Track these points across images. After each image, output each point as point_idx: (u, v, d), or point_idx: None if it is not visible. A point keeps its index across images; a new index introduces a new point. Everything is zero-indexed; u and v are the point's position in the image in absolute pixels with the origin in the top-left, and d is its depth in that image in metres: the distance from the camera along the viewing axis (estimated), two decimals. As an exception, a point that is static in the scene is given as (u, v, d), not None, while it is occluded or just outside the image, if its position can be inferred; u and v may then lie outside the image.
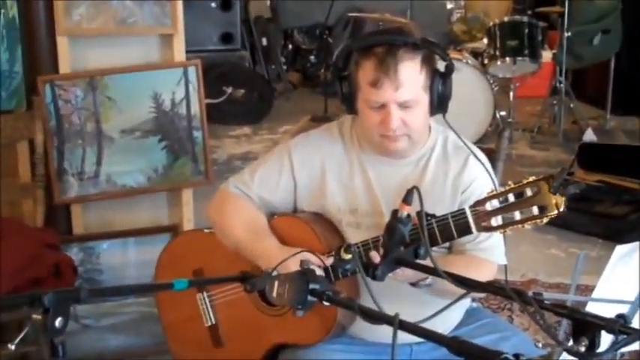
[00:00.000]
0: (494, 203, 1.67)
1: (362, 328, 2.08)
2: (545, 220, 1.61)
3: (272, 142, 6.01)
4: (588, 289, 1.69)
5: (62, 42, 3.23)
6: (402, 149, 2.03)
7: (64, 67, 3.25)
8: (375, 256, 1.78)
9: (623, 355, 2.86)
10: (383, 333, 1.92)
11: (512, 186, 1.65)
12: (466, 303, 2.20)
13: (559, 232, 4.38)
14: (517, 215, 1.63)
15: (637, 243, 1.67)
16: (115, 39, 3.36)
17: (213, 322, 2.22)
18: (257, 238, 2.06)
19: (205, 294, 2.22)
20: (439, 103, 1.99)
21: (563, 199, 1.58)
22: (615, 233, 4.11)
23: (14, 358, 3.03)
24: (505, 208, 1.65)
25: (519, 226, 1.64)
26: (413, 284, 1.90)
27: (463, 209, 1.78)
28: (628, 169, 4.77)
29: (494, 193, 1.67)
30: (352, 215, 2.07)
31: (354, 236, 2.02)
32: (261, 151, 5.68)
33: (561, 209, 1.58)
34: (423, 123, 2.02)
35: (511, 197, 1.64)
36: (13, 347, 1.46)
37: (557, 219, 4.40)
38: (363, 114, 2.02)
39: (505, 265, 2.06)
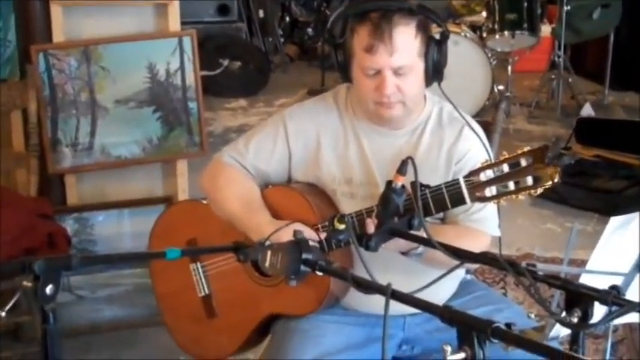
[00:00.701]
0: (489, 173, 1.65)
1: (355, 299, 2.07)
2: (540, 190, 1.59)
3: (268, 115, 5.97)
4: (583, 264, 1.68)
5: (56, 11, 3.21)
6: (397, 116, 2.02)
7: (58, 36, 3.23)
8: (370, 226, 1.77)
9: (616, 328, 2.87)
10: (376, 304, 1.91)
11: (507, 156, 1.63)
12: (460, 275, 2.20)
13: (555, 206, 4.37)
14: (511, 185, 1.62)
15: (632, 215, 1.65)
16: (110, 8, 3.34)
17: (207, 293, 2.22)
18: (250, 212, 2.05)
19: (199, 264, 2.22)
20: (434, 71, 1.98)
21: (558, 169, 1.56)
22: (612, 208, 4.10)
23: (10, 329, 3.05)
24: (499, 179, 1.64)
25: (513, 196, 1.62)
26: (404, 253, 1.90)
27: (457, 180, 1.77)
28: (626, 144, 4.75)
29: (489, 163, 1.66)
30: (347, 185, 2.06)
31: (348, 206, 2.00)
32: (257, 123, 5.63)
33: (555, 180, 1.56)
34: (417, 90, 2.00)
35: (505, 168, 1.63)
36: (3, 314, 1.45)
37: (553, 193, 4.39)
38: (357, 81, 2.00)
39: (499, 238, 2.04)
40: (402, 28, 1.91)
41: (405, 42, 1.92)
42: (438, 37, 1.97)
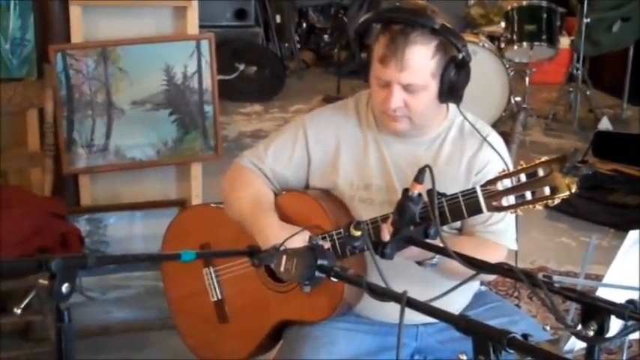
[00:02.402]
0: (506, 183, 1.64)
1: (369, 306, 2.06)
2: (557, 200, 1.58)
3: (283, 120, 5.98)
4: (598, 279, 1.66)
5: (75, 11, 3.21)
6: (402, 130, 2.00)
7: (76, 36, 3.23)
8: (386, 233, 1.75)
9: (631, 344, 2.83)
10: (390, 312, 1.91)
11: (525, 166, 1.62)
12: (474, 286, 2.18)
13: (571, 220, 4.35)
14: (528, 195, 1.60)
15: (651, 229, 1.64)
16: (128, 9, 3.34)
17: (219, 298, 2.21)
18: (259, 214, 2.04)
19: (212, 269, 2.21)
20: (450, 93, 1.94)
21: (575, 180, 1.55)
22: (628, 223, 4.07)
23: (19, 328, 3.05)
24: (517, 188, 1.62)
25: (530, 206, 1.61)
26: (419, 263, 1.88)
27: (474, 188, 1.75)
28: (643, 159, 4.73)
29: (506, 172, 1.65)
30: (366, 191, 2.05)
31: (366, 212, 1.99)
32: (271, 129, 5.65)
33: (573, 190, 1.55)
34: (427, 108, 1.97)
35: (523, 177, 1.61)
36: (19, 312, 1.46)
37: (569, 207, 4.35)
38: (372, 88, 2.00)
39: (516, 251, 2.03)
40: (418, 46, 1.88)
41: (418, 61, 1.89)
42: (460, 57, 1.91)
